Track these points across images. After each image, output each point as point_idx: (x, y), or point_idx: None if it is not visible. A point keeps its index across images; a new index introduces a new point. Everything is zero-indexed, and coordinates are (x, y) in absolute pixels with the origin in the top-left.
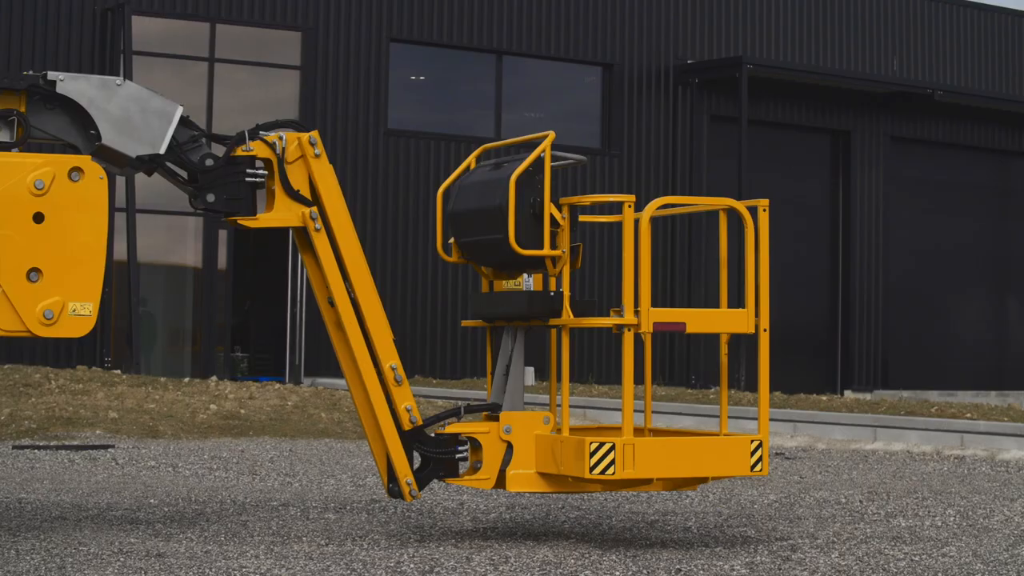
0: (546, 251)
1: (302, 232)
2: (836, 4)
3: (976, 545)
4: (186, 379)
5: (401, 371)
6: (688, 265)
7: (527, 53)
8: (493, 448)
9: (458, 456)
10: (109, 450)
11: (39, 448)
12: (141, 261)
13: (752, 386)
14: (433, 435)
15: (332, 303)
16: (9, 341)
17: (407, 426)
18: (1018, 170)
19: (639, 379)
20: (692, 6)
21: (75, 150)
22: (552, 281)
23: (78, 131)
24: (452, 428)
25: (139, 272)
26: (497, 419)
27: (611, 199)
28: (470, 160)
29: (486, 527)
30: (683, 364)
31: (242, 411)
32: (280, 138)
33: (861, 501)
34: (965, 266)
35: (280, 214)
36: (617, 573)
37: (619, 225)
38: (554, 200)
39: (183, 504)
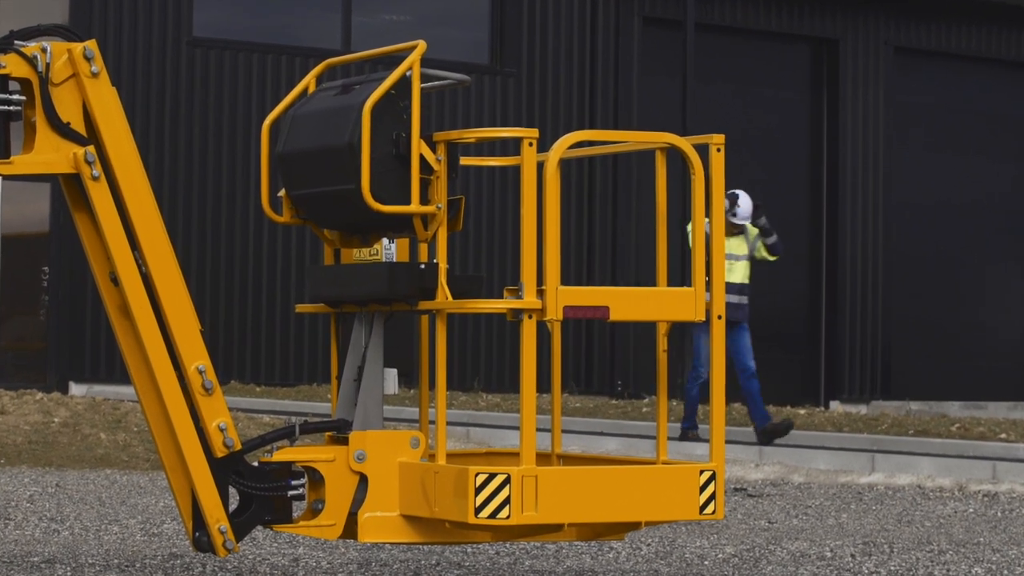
0: (414, 207)
1: (73, 181)
2: None
3: None
4: None
5: (212, 375)
6: (612, 226)
7: None
8: (340, 482)
9: (291, 493)
10: None
11: None
12: None
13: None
14: (257, 464)
15: (115, 280)
16: None
17: (220, 452)
18: None
19: (544, 386)
20: None
21: None
22: (423, 249)
23: None
24: (283, 454)
25: None
26: (346, 442)
27: (505, 134)
28: (308, 81)
29: None
30: (605, 364)
31: None
32: (43, 50)
33: (853, 555)
34: (995, 227)
35: (43, 156)
36: None
37: (516, 170)
38: (426, 136)
39: None
